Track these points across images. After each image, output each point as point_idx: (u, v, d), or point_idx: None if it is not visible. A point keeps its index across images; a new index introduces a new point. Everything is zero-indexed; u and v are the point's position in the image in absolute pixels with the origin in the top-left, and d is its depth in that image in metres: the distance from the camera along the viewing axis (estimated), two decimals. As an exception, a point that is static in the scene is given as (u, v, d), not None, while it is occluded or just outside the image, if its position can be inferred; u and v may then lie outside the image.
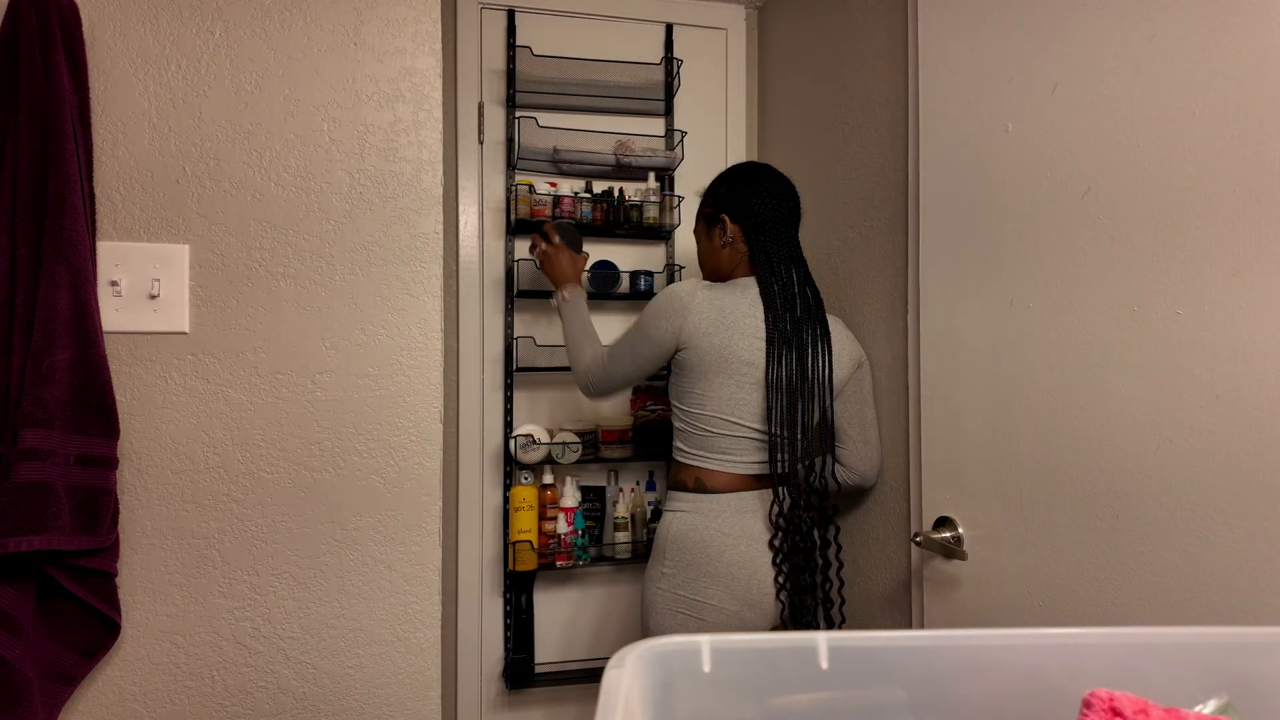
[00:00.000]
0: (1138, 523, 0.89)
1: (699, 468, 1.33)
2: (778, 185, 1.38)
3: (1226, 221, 0.79)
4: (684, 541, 1.30)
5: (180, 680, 1.13)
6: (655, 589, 1.32)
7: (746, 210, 1.36)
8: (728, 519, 1.29)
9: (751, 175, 1.39)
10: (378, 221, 1.21)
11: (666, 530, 1.33)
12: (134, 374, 1.12)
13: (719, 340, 1.29)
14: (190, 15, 1.14)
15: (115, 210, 1.12)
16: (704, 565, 1.28)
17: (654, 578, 1.33)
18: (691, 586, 1.28)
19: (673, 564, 1.30)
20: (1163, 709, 0.42)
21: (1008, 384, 1.07)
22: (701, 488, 1.32)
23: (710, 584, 1.27)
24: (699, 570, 1.28)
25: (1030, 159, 1.03)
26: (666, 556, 1.31)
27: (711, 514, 1.30)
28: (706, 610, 1.27)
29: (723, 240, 1.38)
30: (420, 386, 1.22)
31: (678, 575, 1.29)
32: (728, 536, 1.28)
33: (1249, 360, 0.77)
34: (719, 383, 1.30)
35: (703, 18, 1.95)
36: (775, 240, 1.35)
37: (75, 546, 1.00)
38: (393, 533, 1.21)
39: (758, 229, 1.35)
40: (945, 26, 1.20)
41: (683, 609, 1.28)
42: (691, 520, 1.30)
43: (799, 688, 0.47)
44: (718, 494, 1.31)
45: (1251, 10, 0.78)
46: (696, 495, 1.32)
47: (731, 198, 1.38)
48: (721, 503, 1.30)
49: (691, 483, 1.33)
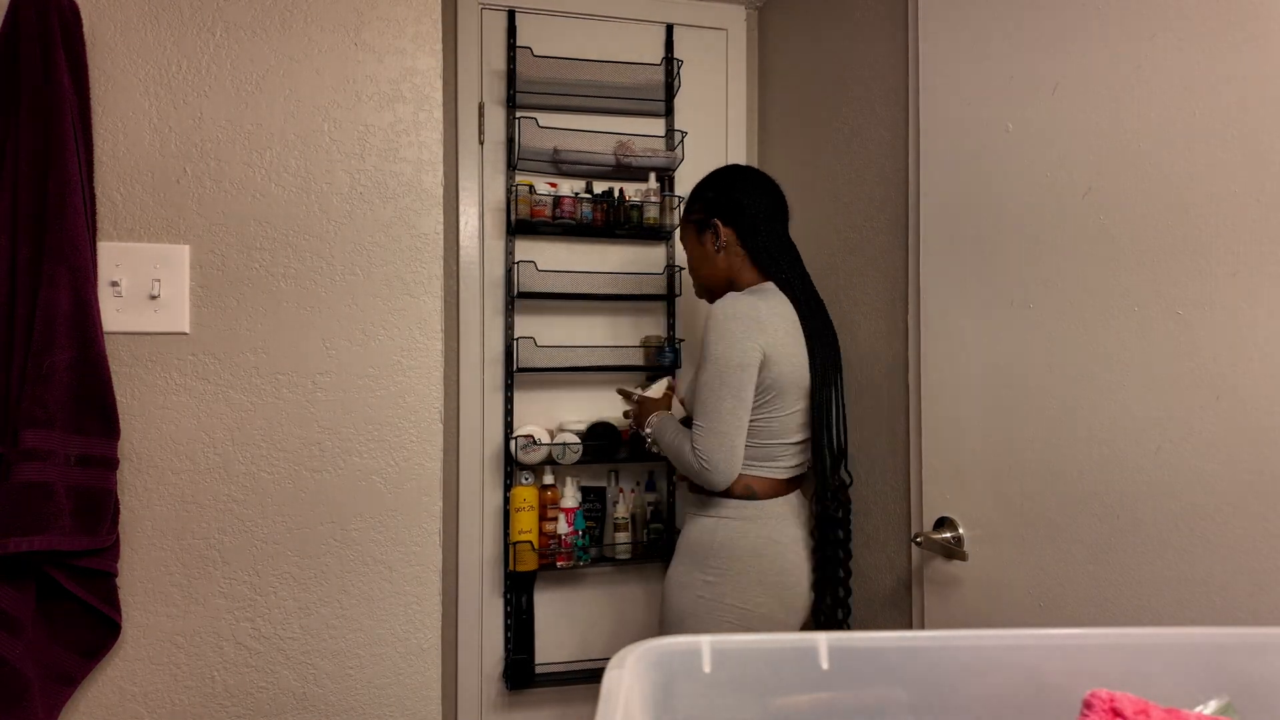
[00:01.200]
0: (1138, 523, 0.89)
1: (749, 475, 1.31)
2: (764, 184, 1.37)
3: (1227, 221, 0.79)
4: (733, 550, 1.28)
5: (180, 680, 1.13)
6: (694, 596, 1.29)
7: (738, 211, 1.35)
8: (775, 526, 1.29)
9: (736, 177, 1.38)
10: (378, 222, 1.21)
11: (711, 537, 1.30)
12: (134, 374, 1.12)
13: (799, 358, 1.30)
14: (191, 15, 1.14)
15: (115, 210, 1.12)
16: (755, 574, 1.26)
17: (691, 585, 1.30)
18: (741, 595, 1.26)
19: (718, 572, 1.28)
20: (1163, 709, 0.42)
21: (1008, 384, 1.07)
22: (751, 494, 1.30)
23: (762, 592, 1.26)
24: (750, 579, 1.26)
25: (1031, 159, 1.03)
26: (710, 564, 1.28)
27: (759, 521, 1.29)
28: (755, 619, 1.26)
29: (716, 245, 1.37)
30: (420, 387, 1.22)
31: (724, 584, 1.27)
32: (779, 544, 1.28)
33: (1249, 360, 0.77)
34: (793, 398, 1.30)
35: (703, 18, 1.95)
36: (770, 237, 1.35)
37: (76, 547, 1.00)
38: (393, 533, 1.21)
39: (751, 230, 1.34)
40: (945, 27, 1.20)
41: (731, 618, 1.26)
42: (741, 528, 1.29)
43: (799, 688, 0.47)
44: (764, 500, 1.30)
45: (1251, 11, 0.78)
46: (743, 502, 1.30)
47: (721, 201, 1.36)
48: (767, 510, 1.30)
49: (741, 490, 1.31)
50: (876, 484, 1.42)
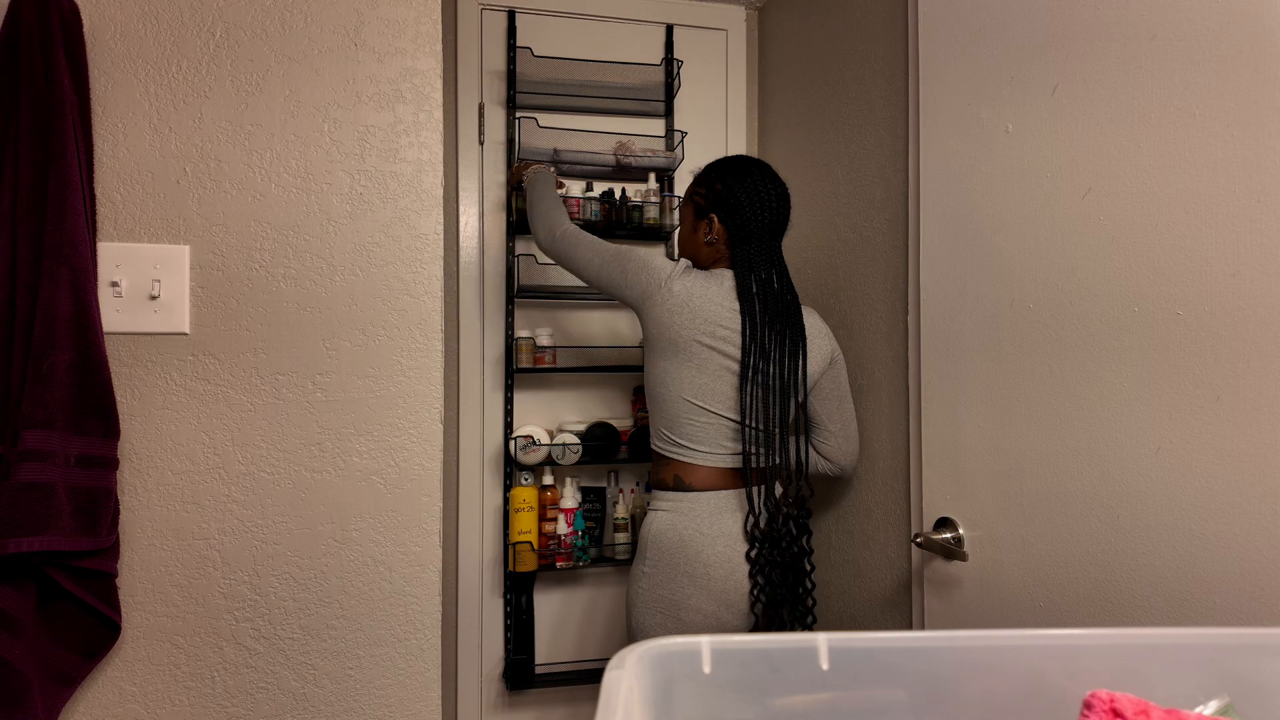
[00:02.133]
0: (1138, 523, 0.89)
1: (677, 461, 1.32)
2: (772, 194, 1.35)
3: (1227, 221, 0.79)
4: (663, 541, 1.30)
5: (180, 681, 1.13)
6: (636, 588, 1.33)
7: (738, 218, 1.33)
8: (706, 518, 1.29)
9: (748, 178, 1.35)
10: (378, 222, 1.21)
11: (647, 530, 1.34)
12: (134, 375, 1.12)
13: (679, 320, 1.29)
14: (191, 16, 1.14)
15: (116, 211, 1.12)
16: (682, 565, 1.28)
17: (635, 577, 1.34)
18: (670, 587, 1.28)
19: (652, 564, 1.30)
20: (1163, 710, 0.42)
21: (1008, 384, 1.07)
22: (681, 485, 1.32)
23: (688, 584, 1.27)
24: (677, 570, 1.28)
25: (1030, 159, 1.03)
26: (647, 556, 1.32)
27: (690, 513, 1.30)
28: (684, 611, 1.27)
29: (707, 237, 1.37)
30: (420, 387, 1.22)
31: (657, 575, 1.29)
32: (705, 536, 1.28)
33: (1249, 361, 0.77)
34: (677, 364, 1.30)
35: (703, 18, 1.96)
36: (759, 249, 1.34)
37: (76, 547, 1.00)
38: (393, 533, 1.21)
39: (744, 239, 1.33)
40: (945, 26, 1.20)
41: (661, 609, 1.29)
42: (671, 519, 1.31)
43: (799, 689, 0.47)
44: (697, 492, 1.31)
45: (1251, 10, 0.78)
46: (676, 494, 1.32)
47: (725, 199, 1.35)
48: (700, 501, 1.30)
49: (671, 480, 1.33)
50: (876, 484, 1.42)
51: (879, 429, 1.41)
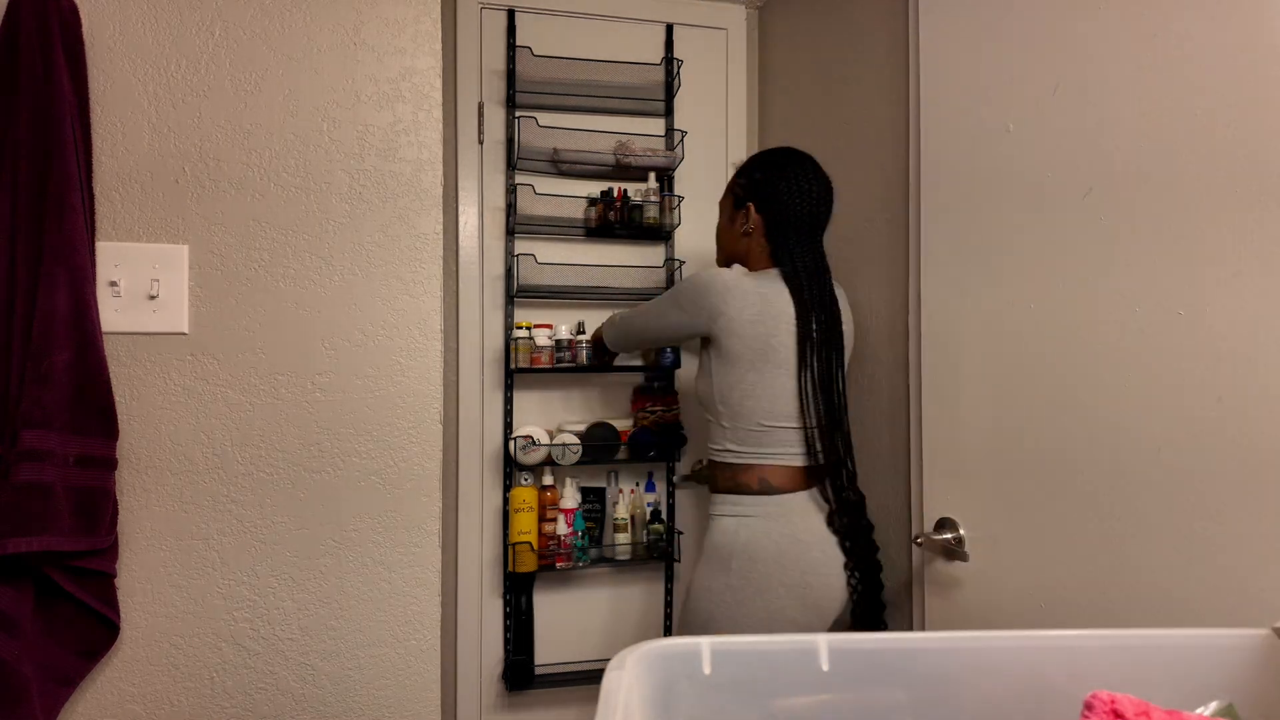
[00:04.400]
0: (1139, 524, 0.89)
1: (762, 465, 1.27)
2: (814, 186, 1.32)
3: (1227, 222, 0.79)
4: (755, 550, 1.23)
5: (179, 681, 1.13)
6: (717, 602, 1.24)
7: (776, 205, 1.31)
8: (798, 522, 1.25)
9: (789, 168, 1.32)
10: (377, 222, 1.21)
11: (733, 538, 1.25)
12: (133, 375, 1.12)
13: (764, 329, 1.25)
14: (190, 15, 1.14)
15: (115, 210, 1.11)
16: (778, 575, 1.22)
17: (716, 590, 1.25)
18: (764, 598, 1.22)
19: (741, 575, 1.23)
20: (1164, 710, 0.42)
21: (1009, 385, 1.07)
22: (768, 489, 1.26)
23: (785, 595, 1.22)
24: (772, 580, 1.22)
25: (1031, 159, 1.03)
26: (732, 567, 1.24)
27: (780, 518, 1.24)
28: (779, 625, 1.21)
29: (744, 227, 1.35)
30: (420, 387, 1.22)
31: (748, 588, 1.22)
32: (802, 543, 1.23)
33: (1250, 361, 0.77)
34: (769, 373, 1.26)
35: (703, 18, 1.95)
36: (799, 244, 1.31)
37: (74, 547, 1.00)
38: (392, 534, 1.21)
39: (780, 229, 1.31)
40: (946, 26, 1.20)
41: (753, 625, 1.21)
42: (763, 526, 1.24)
43: (800, 689, 0.47)
44: (783, 495, 1.26)
45: (1251, 10, 0.77)
46: (761, 498, 1.26)
47: (763, 188, 1.32)
48: (787, 505, 1.25)
49: (756, 484, 1.26)
50: (877, 484, 1.42)
51: (879, 429, 1.41)
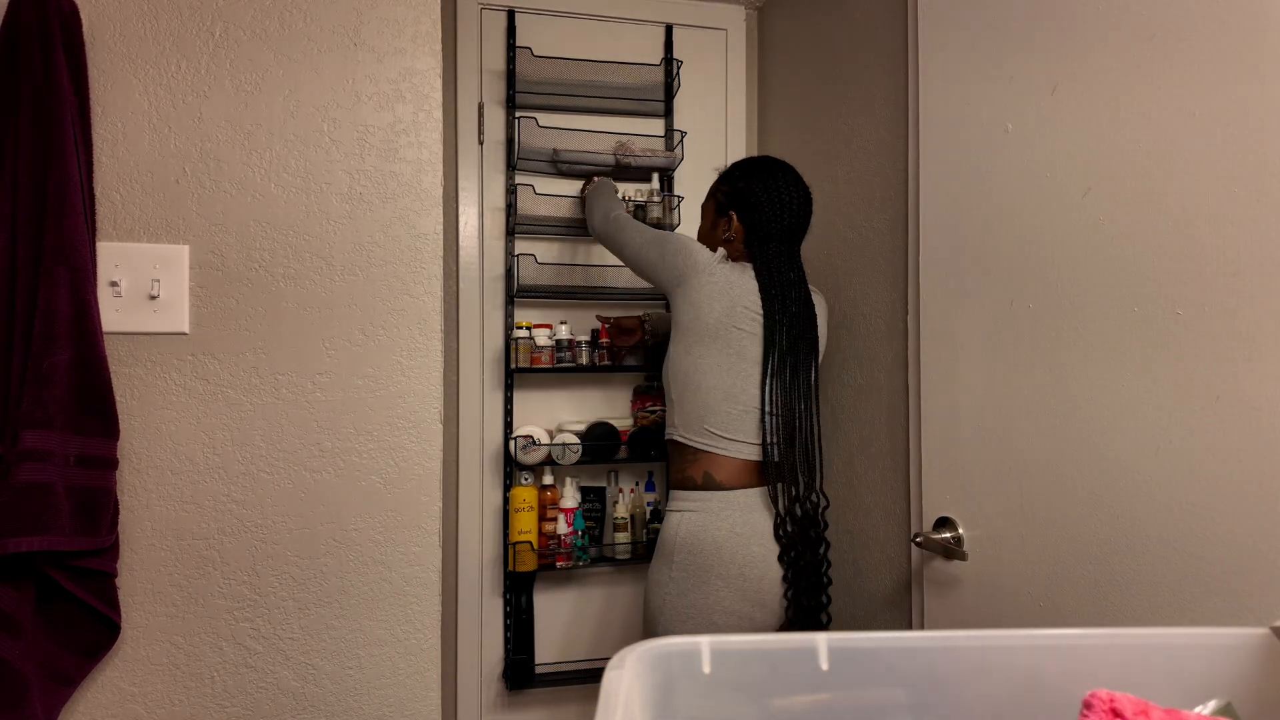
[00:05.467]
0: (1138, 523, 0.89)
1: (706, 455, 1.30)
2: (794, 197, 1.37)
3: (1227, 221, 0.79)
4: (694, 544, 1.27)
5: (180, 681, 1.13)
6: (661, 594, 1.29)
7: (756, 218, 1.36)
8: (738, 517, 1.27)
9: (769, 179, 1.38)
10: (377, 222, 1.21)
11: (674, 532, 1.30)
12: (134, 375, 1.12)
13: (723, 308, 1.29)
14: (190, 15, 1.14)
15: (115, 211, 1.11)
16: (715, 568, 1.25)
17: (660, 582, 1.30)
18: (701, 590, 1.26)
19: (680, 567, 1.27)
20: (1163, 710, 0.42)
21: (1008, 384, 1.07)
22: (712, 484, 1.29)
23: (722, 586, 1.25)
24: (710, 573, 1.26)
25: (1030, 159, 1.03)
26: (674, 560, 1.28)
27: (721, 513, 1.28)
28: (716, 614, 1.25)
29: (725, 234, 1.40)
30: (420, 387, 1.22)
31: (687, 579, 1.26)
32: (740, 536, 1.26)
33: (1249, 361, 0.77)
34: (714, 350, 1.29)
35: (703, 18, 1.95)
36: (777, 253, 1.35)
37: (75, 547, 1.00)
38: (392, 533, 1.21)
39: (762, 239, 1.36)
40: (945, 26, 1.20)
41: (692, 615, 1.26)
42: (702, 520, 1.28)
43: (799, 689, 0.47)
44: (727, 490, 1.29)
45: (1251, 10, 0.78)
46: (705, 493, 1.30)
47: (745, 198, 1.37)
48: (731, 500, 1.29)
49: (700, 478, 1.30)
50: (876, 484, 1.42)
51: (879, 429, 1.41)
